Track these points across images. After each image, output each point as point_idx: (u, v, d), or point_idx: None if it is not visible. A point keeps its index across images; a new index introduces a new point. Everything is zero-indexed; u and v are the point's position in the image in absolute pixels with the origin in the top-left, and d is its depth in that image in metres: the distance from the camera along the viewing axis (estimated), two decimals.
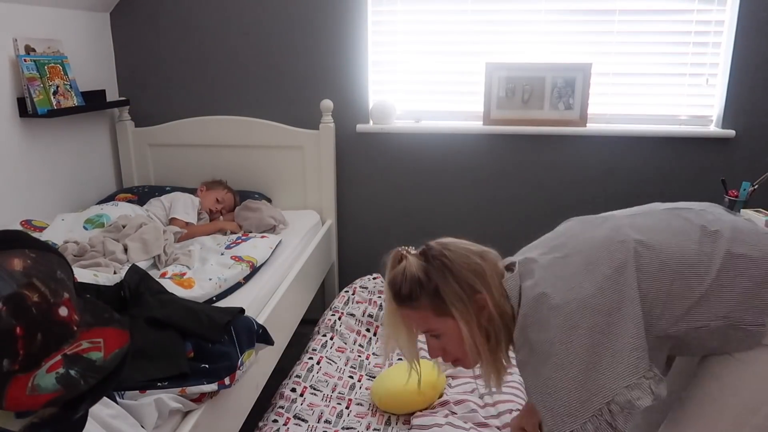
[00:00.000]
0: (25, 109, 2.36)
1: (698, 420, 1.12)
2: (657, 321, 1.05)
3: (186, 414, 1.46)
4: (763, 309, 1.05)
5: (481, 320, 1.12)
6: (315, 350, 2.12)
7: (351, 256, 3.13)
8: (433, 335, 1.17)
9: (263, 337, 1.72)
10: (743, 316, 1.05)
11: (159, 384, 1.40)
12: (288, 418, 1.75)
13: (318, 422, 1.75)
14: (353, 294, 2.53)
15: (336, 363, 2.08)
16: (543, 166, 2.84)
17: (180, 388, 1.41)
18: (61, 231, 2.26)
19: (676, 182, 2.78)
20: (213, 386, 1.46)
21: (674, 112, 2.79)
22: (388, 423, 1.77)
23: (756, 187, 2.33)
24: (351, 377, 2.03)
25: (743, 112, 2.67)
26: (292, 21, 2.83)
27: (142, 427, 1.31)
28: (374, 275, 2.70)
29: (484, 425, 1.69)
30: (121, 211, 2.46)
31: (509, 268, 1.18)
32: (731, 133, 2.68)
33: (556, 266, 1.11)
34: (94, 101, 2.74)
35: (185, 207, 2.58)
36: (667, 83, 2.75)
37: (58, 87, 2.45)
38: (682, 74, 2.74)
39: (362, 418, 1.78)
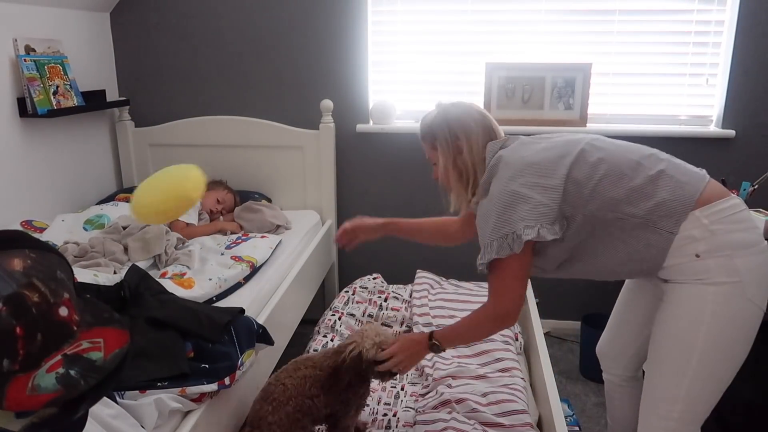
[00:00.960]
0: (25, 109, 2.36)
1: (655, 366, 1.44)
2: (587, 201, 1.37)
3: (186, 414, 1.46)
4: (677, 221, 1.33)
5: (457, 161, 1.53)
6: (315, 350, 2.12)
7: (351, 256, 3.13)
8: (433, 162, 1.62)
9: (263, 337, 1.72)
10: (659, 221, 1.34)
11: (159, 384, 1.40)
12: None
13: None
14: (353, 294, 2.53)
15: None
16: None
17: (180, 388, 1.41)
18: (61, 232, 2.26)
19: None
20: (213, 386, 1.46)
21: (674, 112, 2.79)
22: (388, 427, 1.77)
23: (756, 187, 2.33)
24: None
25: (743, 112, 2.67)
26: (292, 21, 2.84)
27: (142, 427, 1.31)
28: (374, 275, 2.70)
29: (489, 424, 1.69)
30: (121, 211, 2.46)
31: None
32: (731, 133, 2.68)
33: (527, 144, 1.51)
34: (94, 101, 2.74)
35: None
36: (667, 83, 2.75)
37: (58, 87, 2.45)
38: (682, 74, 2.74)
39: (366, 426, 1.78)
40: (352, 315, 2.38)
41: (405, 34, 2.86)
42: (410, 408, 1.83)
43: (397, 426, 1.76)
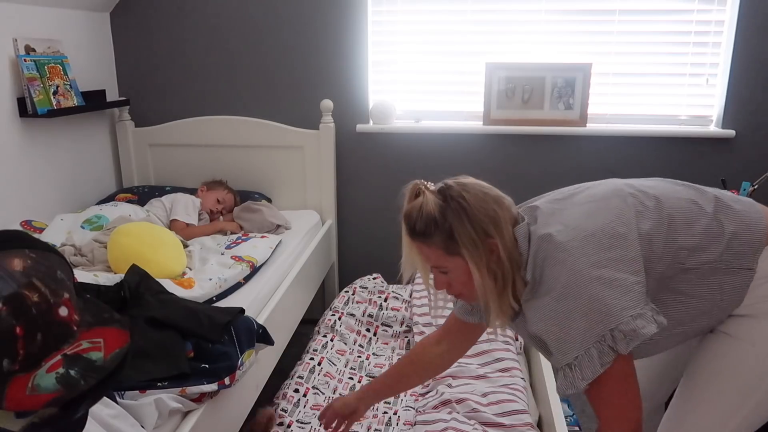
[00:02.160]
0: (25, 109, 2.36)
1: (706, 397, 1.22)
2: (656, 262, 1.12)
3: (186, 414, 1.46)
4: (754, 254, 1.15)
5: (491, 264, 1.14)
6: (316, 350, 2.12)
7: (351, 256, 3.13)
8: (442, 271, 1.20)
9: (263, 337, 1.72)
10: (733, 260, 1.14)
11: (159, 384, 1.40)
12: (291, 422, 1.75)
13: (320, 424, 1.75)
14: (353, 294, 2.53)
15: (336, 365, 2.08)
16: (543, 166, 2.84)
17: (180, 388, 1.41)
18: (60, 231, 2.26)
19: None
20: (213, 386, 1.46)
21: (674, 112, 2.79)
22: (388, 423, 1.77)
23: (756, 187, 2.33)
24: (351, 378, 2.03)
25: (743, 112, 2.67)
26: (292, 21, 2.83)
27: (142, 427, 1.31)
28: (374, 275, 2.70)
29: (489, 424, 1.69)
30: (120, 211, 2.45)
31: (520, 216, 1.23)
32: (731, 133, 2.68)
33: (559, 212, 1.18)
34: (94, 101, 2.74)
35: (186, 208, 2.58)
36: (667, 83, 2.75)
37: (58, 87, 2.45)
38: (682, 74, 2.74)
39: (362, 419, 1.78)
40: (352, 315, 2.38)
41: (405, 34, 2.85)
42: (410, 407, 1.83)
43: (397, 424, 1.76)
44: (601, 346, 1.05)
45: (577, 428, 2.26)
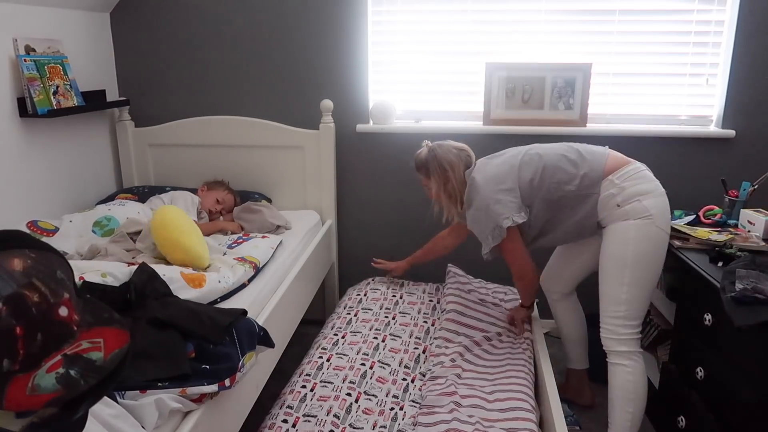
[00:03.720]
0: (25, 109, 2.36)
1: (602, 280, 2.01)
2: (537, 191, 2.01)
3: (186, 414, 1.46)
4: (596, 184, 1.97)
5: (447, 187, 2.14)
6: (325, 349, 2.12)
7: (351, 256, 3.13)
8: (427, 187, 2.22)
9: (264, 339, 1.72)
10: (586, 189, 1.98)
11: (159, 384, 1.40)
12: (297, 418, 1.74)
13: (327, 415, 1.75)
14: (365, 295, 2.56)
15: (348, 354, 2.07)
16: None
17: (180, 389, 1.41)
18: (72, 236, 2.25)
19: (676, 182, 2.77)
20: (213, 387, 1.46)
21: (674, 112, 2.79)
22: (394, 419, 1.77)
23: (756, 187, 2.33)
24: (363, 364, 2.01)
25: (743, 112, 2.67)
26: (292, 21, 2.83)
27: (143, 427, 1.31)
28: (372, 279, 2.71)
29: (491, 420, 1.70)
30: (128, 211, 2.44)
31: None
32: (731, 133, 2.68)
33: (484, 165, 2.13)
34: (94, 101, 2.74)
35: (186, 206, 2.58)
36: (667, 83, 2.75)
37: (58, 87, 2.45)
38: (682, 74, 2.74)
39: (369, 415, 1.78)
40: (369, 310, 2.40)
41: (405, 34, 2.85)
42: (416, 403, 1.83)
43: (403, 419, 1.76)
44: (493, 232, 2.02)
45: (577, 428, 2.26)
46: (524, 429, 1.66)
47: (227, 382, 1.49)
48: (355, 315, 2.37)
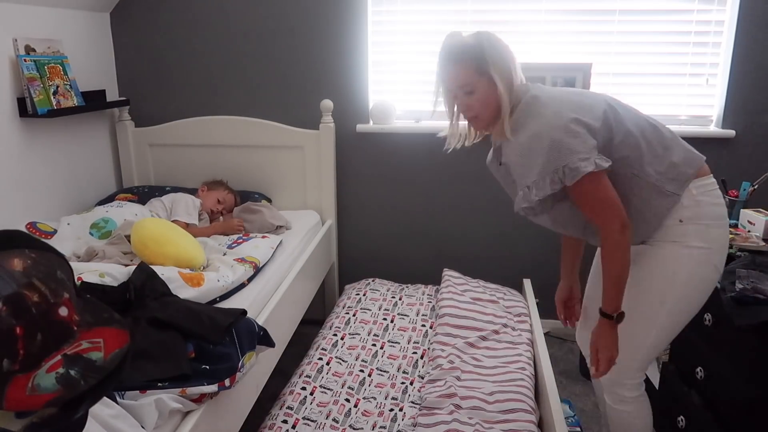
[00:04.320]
0: (25, 109, 2.36)
1: (635, 311, 1.53)
2: (612, 151, 1.44)
3: (186, 414, 1.46)
4: (681, 185, 1.49)
5: (508, 86, 1.48)
6: (325, 350, 2.13)
7: (351, 256, 3.13)
8: (468, 92, 1.50)
9: (264, 339, 1.72)
10: (667, 183, 1.48)
11: (159, 384, 1.40)
12: (297, 419, 1.75)
13: (326, 419, 1.76)
14: (364, 295, 2.56)
15: (347, 360, 2.08)
16: None
17: (180, 389, 1.41)
18: (69, 238, 2.25)
19: None
20: (213, 387, 1.46)
21: (674, 112, 2.79)
22: (394, 420, 1.77)
23: (756, 187, 2.33)
24: (362, 371, 2.03)
25: (743, 112, 2.67)
26: (292, 21, 2.83)
27: (142, 427, 1.31)
28: (369, 280, 2.72)
29: (491, 422, 1.70)
30: (125, 212, 2.44)
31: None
32: (731, 133, 2.68)
33: (551, 89, 1.54)
34: (94, 101, 2.74)
35: (186, 208, 2.57)
36: (667, 83, 2.75)
37: (58, 87, 2.45)
38: (682, 74, 2.74)
39: (369, 416, 1.79)
40: (368, 310, 2.41)
41: (405, 34, 2.85)
42: (416, 404, 1.83)
43: (403, 419, 1.76)
44: (554, 176, 1.39)
45: (578, 429, 2.26)
46: (524, 430, 1.66)
47: (227, 382, 1.49)
48: (354, 315, 2.38)
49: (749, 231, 2.17)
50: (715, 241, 1.51)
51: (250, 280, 2.11)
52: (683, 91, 2.76)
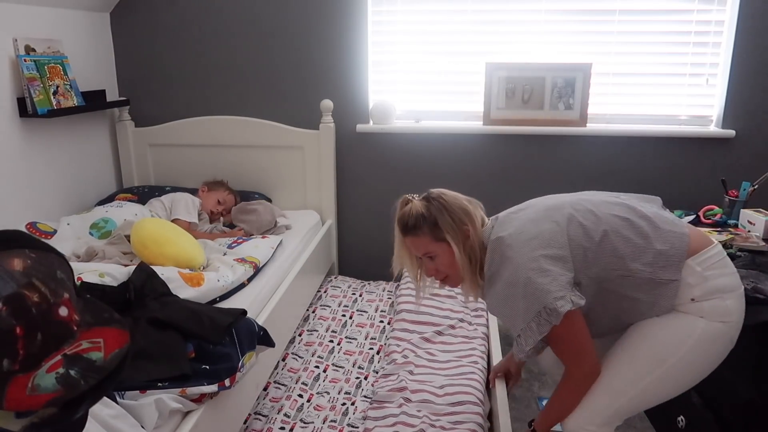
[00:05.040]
0: (25, 109, 2.36)
1: (624, 359, 1.45)
2: (591, 264, 1.39)
3: (186, 414, 1.46)
4: (677, 269, 1.38)
5: (466, 247, 1.49)
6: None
7: (351, 256, 3.13)
8: (430, 257, 1.53)
9: (264, 339, 1.72)
10: (661, 272, 1.38)
11: (159, 384, 1.40)
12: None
13: (278, 414, 1.79)
14: (325, 292, 2.60)
15: (303, 357, 2.13)
16: (543, 166, 2.84)
17: (180, 389, 1.41)
18: (70, 239, 2.25)
19: (676, 182, 2.78)
20: (213, 387, 1.46)
21: (674, 112, 2.79)
22: (345, 414, 1.81)
23: (756, 187, 2.33)
24: (317, 367, 2.08)
25: (743, 112, 2.67)
26: (292, 21, 2.83)
27: (142, 427, 1.31)
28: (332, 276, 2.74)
29: (440, 414, 1.73)
30: (125, 212, 2.44)
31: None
32: (731, 133, 2.68)
33: (511, 220, 1.49)
34: (94, 101, 2.74)
35: (186, 207, 2.57)
36: (667, 83, 2.75)
37: (58, 87, 2.45)
38: (682, 74, 2.74)
39: (320, 410, 1.82)
40: (327, 307, 2.44)
41: (405, 34, 2.85)
42: (368, 398, 1.86)
43: (354, 413, 1.79)
44: (538, 319, 1.34)
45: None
46: (470, 422, 1.68)
47: (227, 382, 1.49)
48: (314, 311, 2.41)
49: (749, 231, 2.17)
50: (735, 312, 1.41)
51: (250, 280, 2.11)
52: (683, 91, 2.76)
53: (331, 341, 2.22)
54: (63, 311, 0.73)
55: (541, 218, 1.44)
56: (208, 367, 1.50)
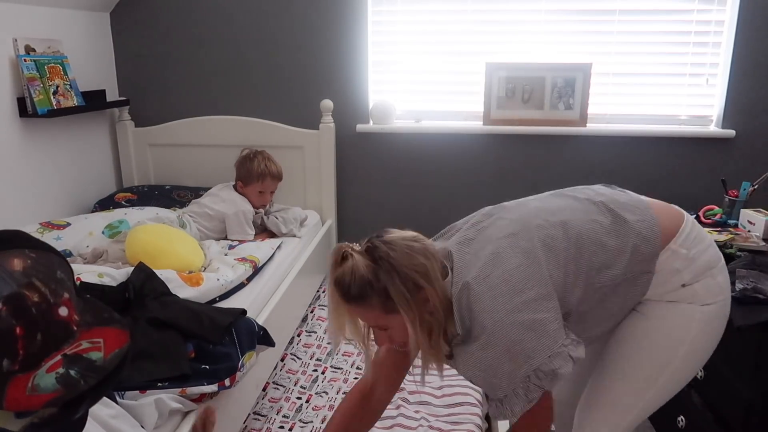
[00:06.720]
0: (25, 109, 2.36)
1: (623, 372, 1.31)
2: (572, 287, 1.20)
3: (186, 414, 1.46)
4: (651, 261, 1.23)
5: (425, 315, 1.17)
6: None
7: None
8: (382, 328, 1.23)
9: (264, 338, 1.72)
10: (636, 268, 1.22)
11: (159, 384, 1.40)
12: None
13: (277, 414, 1.80)
14: (323, 291, 2.60)
15: (301, 358, 2.13)
16: (543, 166, 2.84)
17: (180, 389, 1.41)
18: (82, 233, 2.24)
19: (676, 182, 2.78)
20: (213, 387, 1.46)
21: (674, 112, 2.79)
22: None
23: (756, 187, 2.33)
24: (315, 370, 2.10)
25: (743, 112, 2.67)
26: (292, 21, 2.83)
27: (142, 427, 1.31)
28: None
29: (436, 415, 1.73)
30: (144, 216, 2.39)
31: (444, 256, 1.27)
32: (731, 133, 2.68)
33: (471, 258, 1.22)
34: (94, 101, 2.74)
35: (240, 225, 2.49)
36: (667, 83, 2.75)
37: (58, 87, 2.45)
38: (682, 74, 2.74)
39: (318, 410, 1.82)
40: (325, 307, 2.44)
41: (405, 34, 2.85)
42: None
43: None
44: (527, 384, 1.13)
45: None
46: (468, 422, 1.68)
47: (227, 381, 1.49)
48: (312, 312, 2.41)
49: (749, 231, 2.17)
50: (725, 289, 1.30)
51: (249, 279, 2.11)
52: (683, 91, 2.76)
53: (329, 343, 2.22)
54: (63, 311, 0.73)
55: (506, 249, 1.19)
56: (208, 366, 1.50)
